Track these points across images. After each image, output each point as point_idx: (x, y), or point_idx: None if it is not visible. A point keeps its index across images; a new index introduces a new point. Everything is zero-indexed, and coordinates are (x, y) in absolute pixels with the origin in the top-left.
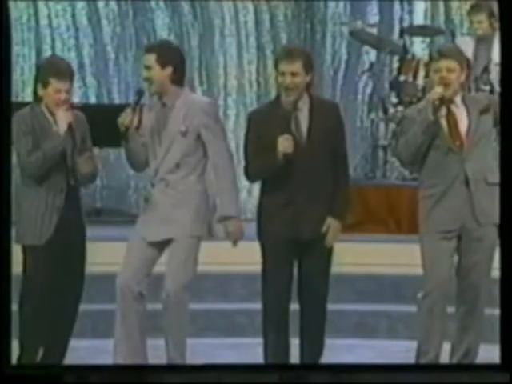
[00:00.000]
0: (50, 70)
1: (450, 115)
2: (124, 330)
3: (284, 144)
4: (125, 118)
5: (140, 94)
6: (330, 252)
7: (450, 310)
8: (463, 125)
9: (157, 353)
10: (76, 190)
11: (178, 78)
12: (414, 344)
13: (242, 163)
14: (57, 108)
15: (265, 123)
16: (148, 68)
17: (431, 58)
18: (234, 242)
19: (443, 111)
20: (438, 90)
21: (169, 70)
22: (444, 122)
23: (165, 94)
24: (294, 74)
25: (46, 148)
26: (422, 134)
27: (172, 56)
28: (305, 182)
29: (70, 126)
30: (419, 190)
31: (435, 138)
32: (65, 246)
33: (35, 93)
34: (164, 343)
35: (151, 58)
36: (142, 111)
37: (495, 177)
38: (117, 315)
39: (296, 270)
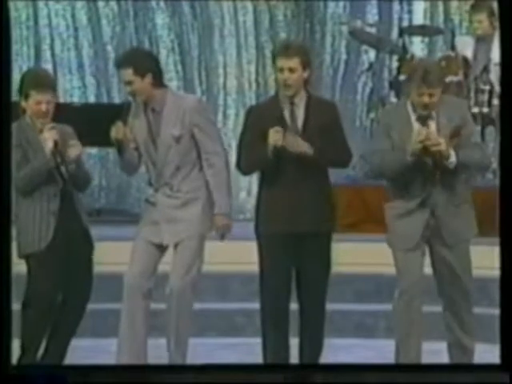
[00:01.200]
0: (30, 82)
1: (427, 130)
2: (131, 328)
3: (274, 136)
4: (117, 132)
5: (128, 106)
6: (328, 249)
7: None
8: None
9: (157, 353)
10: (71, 193)
11: (159, 81)
12: None
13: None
14: (39, 120)
15: (261, 118)
16: (129, 83)
17: (413, 76)
18: (222, 237)
19: (420, 126)
20: (423, 133)
21: (149, 77)
22: (420, 137)
23: (151, 100)
24: (291, 70)
25: (33, 166)
26: (396, 167)
27: (148, 63)
28: (299, 176)
29: (55, 144)
30: (387, 197)
31: (409, 152)
32: (67, 249)
33: (19, 105)
34: (165, 342)
35: (129, 73)
36: (128, 110)
37: (459, 198)
38: (123, 313)
39: (294, 268)
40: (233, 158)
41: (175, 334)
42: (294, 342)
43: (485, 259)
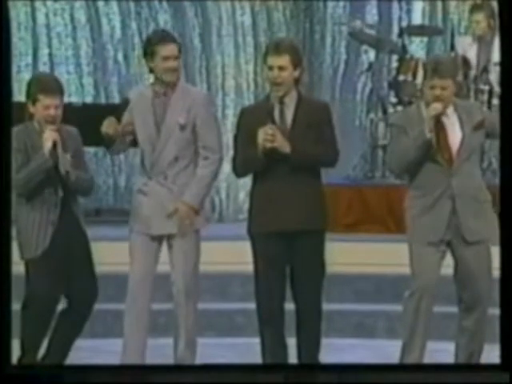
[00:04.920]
0: (38, 86)
1: (441, 128)
2: (136, 328)
3: (262, 135)
4: (108, 127)
5: (126, 102)
6: (320, 247)
7: (450, 310)
8: (454, 137)
9: (157, 353)
10: (73, 202)
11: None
12: None
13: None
14: (47, 125)
15: (252, 119)
16: (168, 58)
17: (425, 71)
18: (180, 230)
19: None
20: (438, 107)
21: (179, 60)
22: (433, 135)
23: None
24: (281, 68)
25: (31, 166)
26: (417, 150)
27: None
28: (290, 175)
29: (54, 145)
30: (406, 197)
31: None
32: (65, 256)
33: (27, 110)
34: (165, 342)
35: (173, 48)
36: (125, 105)
37: (484, 194)
38: (128, 314)
39: (288, 267)
40: (229, 159)
41: (185, 333)
42: (292, 342)
43: None
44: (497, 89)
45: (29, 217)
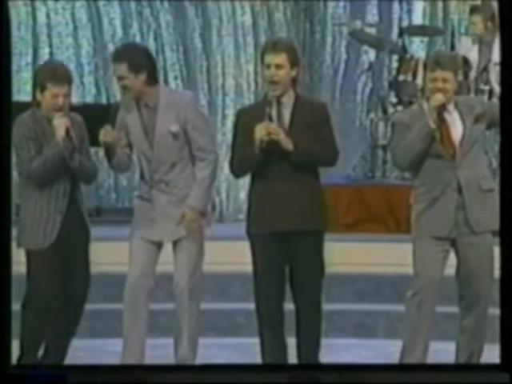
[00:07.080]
0: (47, 74)
1: (443, 123)
2: (134, 328)
3: (261, 131)
4: (106, 136)
5: (116, 109)
6: (319, 247)
7: (450, 310)
8: (456, 132)
9: (157, 353)
10: (78, 193)
11: (153, 79)
12: None
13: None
14: (54, 113)
15: (249, 119)
16: (121, 78)
17: (427, 65)
18: (188, 232)
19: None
20: (439, 97)
21: (143, 75)
22: (436, 130)
23: (143, 96)
24: (278, 67)
25: (46, 156)
26: (421, 141)
27: (143, 61)
28: (288, 175)
29: (67, 131)
30: (412, 194)
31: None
32: (68, 248)
33: (34, 97)
34: (165, 342)
35: (123, 68)
36: (116, 113)
37: (488, 183)
38: (126, 314)
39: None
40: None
41: (188, 333)
42: (292, 342)
43: None
44: (497, 89)
45: (36, 205)
